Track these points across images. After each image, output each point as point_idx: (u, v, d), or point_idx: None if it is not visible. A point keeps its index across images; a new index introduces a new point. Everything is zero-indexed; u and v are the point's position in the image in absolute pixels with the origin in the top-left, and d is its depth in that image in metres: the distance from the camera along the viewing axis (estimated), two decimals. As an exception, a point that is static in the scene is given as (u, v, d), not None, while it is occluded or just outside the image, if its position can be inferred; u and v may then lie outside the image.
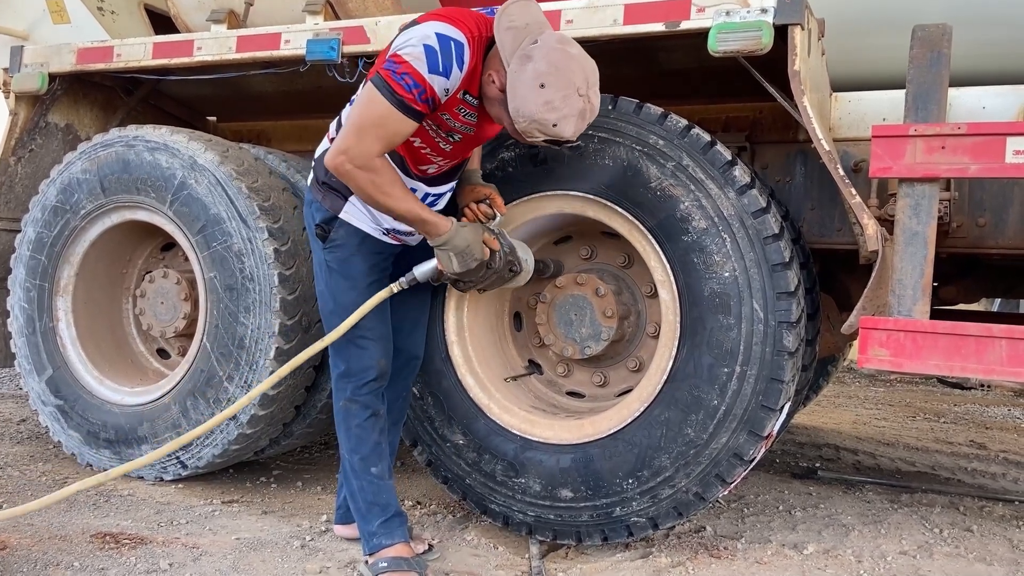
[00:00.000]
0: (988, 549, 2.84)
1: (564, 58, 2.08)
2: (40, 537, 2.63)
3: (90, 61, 3.42)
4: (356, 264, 2.42)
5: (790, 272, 2.43)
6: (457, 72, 2.12)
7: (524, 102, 2.07)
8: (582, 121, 2.14)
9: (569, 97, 2.08)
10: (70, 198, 3.34)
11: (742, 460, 2.46)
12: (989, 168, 2.21)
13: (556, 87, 2.06)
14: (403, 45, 2.11)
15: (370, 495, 2.48)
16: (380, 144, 2.17)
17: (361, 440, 2.47)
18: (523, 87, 2.07)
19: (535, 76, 2.05)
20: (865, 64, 2.95)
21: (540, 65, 2.05)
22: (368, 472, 2.48)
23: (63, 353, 3.42)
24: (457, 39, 2.10)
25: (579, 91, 2.09)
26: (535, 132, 2.12)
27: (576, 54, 2.12)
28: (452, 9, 2.20)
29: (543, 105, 2.06)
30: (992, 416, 5.63)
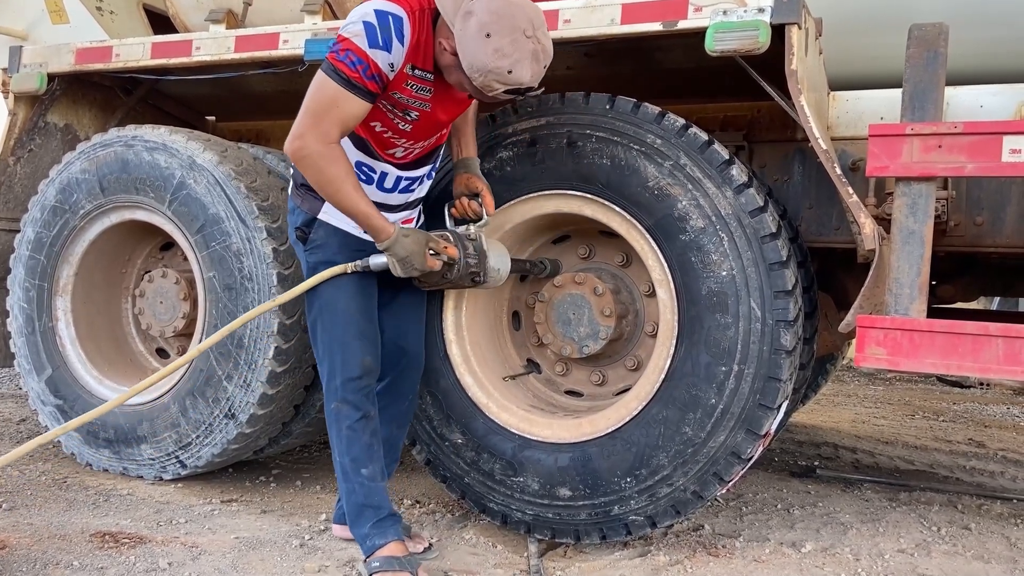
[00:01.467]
0: (986, 547, 2.84)
1: (504, 5, 2.09)
2: (39, 536, 2.63)
3: (89, 61, 3.42)
4: (341, 262, 2.40)
5: (788, 271, 2.43)
6: (399, 46, 2.14)
7: (474, 56, 2.07)
8: (536, 63, 2.13)
9: (517, 41, 2.08)
10: (69, 198, 3.34)
11: (740, 458, 2.47)
12: (985, 167, 2.21)
13: (502, 33, 2.06)
14: (345, 25, 2.15)
15: (361, 497, 2.46)
16: (336, 128, 2.18)
17: (352, 442, 2.45)
18: (470, 42, 2.07)
19: (479, 27, 2.06)
20: (862, 63, 2.95)
21: (482, 16, 2.06)
22: (359, 474, 2.45)
23: (62, 353, 3.43)
24: (395, 13, 2.12)
25: (525, 33, 2.09)
26: (493, 83, 2.11)
27: (516, 0, 2.12)
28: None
29: (493, 53, 2.07)
30: (991, 414, 5.63)
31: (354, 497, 2.47)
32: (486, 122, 2.77)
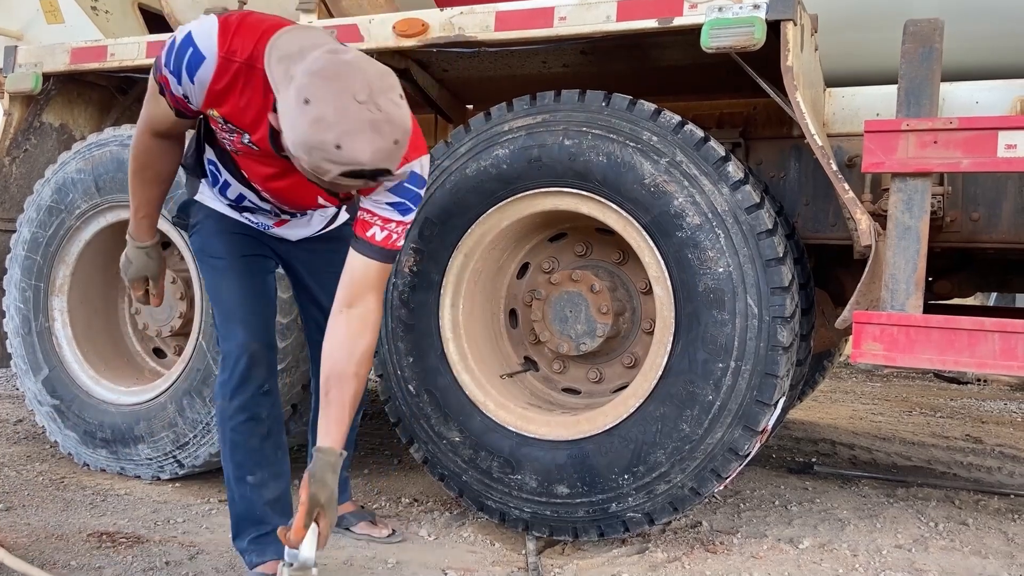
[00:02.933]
0: (983, 542, 2.85)
1: (332, 64, 1.66)
2: (37, 536, 2.63)
3: (84, 61, 3.41)
4: (219, 243, 2.22)
5: (784, 267, 2.43)
6: (188, 81, 1.87)
7: (293, 129, 1.64)
8: (379, 136, 1.64)
9: (346, 108, 1.62)
10: (65, 198, 3.34)
11: (737, 455, 2.47)
12: (981, 162, 2.21)
13: (325, 99, 1.62)
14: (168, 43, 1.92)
15: (242, 509, 2.26)
16: (144, 121, 2.09)
17: (236, 446, 2.23)
18: (290, 113, 1.65)
19: (298, 94, 1.63)
20: (858, 59, 2.95)
21: (301, 80, 1.64)
22: (243, 481, 2.24)
23: (59, 353, 3.42)
24: (200, 48, 1.82)
25: (357, 98, 1.63)
26: (322, 164, 1.64)
27: (351, 59, 1.69)
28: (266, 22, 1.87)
29: (313, 124, 1.62)
30: (988, 410, 5.64)
31: (234, 507, 2.28)
32: (480, 120, 2.77)
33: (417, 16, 2.83)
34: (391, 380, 2.87)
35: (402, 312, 2.85)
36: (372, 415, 4.51)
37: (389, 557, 2.58)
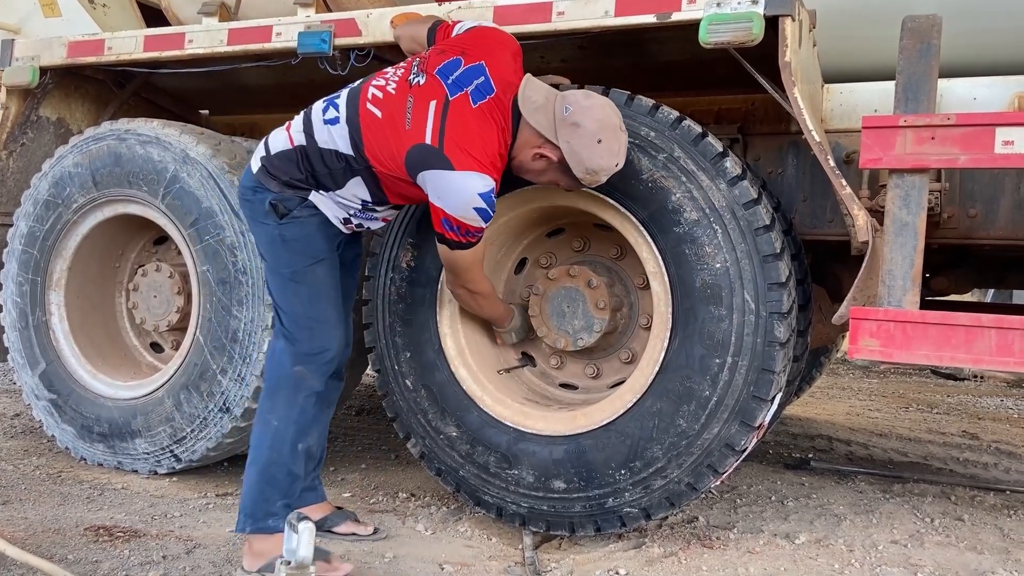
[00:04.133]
0: (979, 538, 2.86)
1: (599, 109, 2.35)
2: (34, 531, 2.63)
3: (81, 54, 3.40)
4: (317, 242, 2.47)
5: (781, 263, 2.44)
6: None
7: (591, 160, 2.34)
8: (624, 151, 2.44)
9: (620, 138, 2.38)
10: (62, 192, 3.33)
11: (734, 450, 2.47)
12: (978, 159, 2.21)
13: (610, 137, 2.35)
14: (458, 209, 2.31)
15: (288, 469, 2.43)
16: (480, 276, 2.59)
17: (303, 413, 2.46)
18: (586, 149, 2.33)
19: (592, 135, 2.32)
20: (856, 55, 2.95)
21: (591, 125, 2.32)
22: (296, 449, 2.45)
23: (56, 347, 3.42)
24: (491, 187, 2.31)
25: (621, 128, 2.39)
26: (602, 178, 2.41)
27: (600, 100, 2.38)
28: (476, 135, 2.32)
29: (608, 155, 2.35)
30: (984, 407, 5.65)
31: (280, 468, 2.42)
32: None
33: (415, 10, 2.83)
34: (388, 375, 2.87)
35: (400, 307, 2.85)
36: (369, 410, 4.51)
37: (386, 552, 2.58)
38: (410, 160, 2.30)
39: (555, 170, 2.43)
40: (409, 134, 2.30)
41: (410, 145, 2.29)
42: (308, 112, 2.48)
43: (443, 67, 2.39)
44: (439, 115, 2.30)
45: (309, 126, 2.43)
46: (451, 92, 2.34)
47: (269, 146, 2.48)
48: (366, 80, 2.47)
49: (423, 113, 2.31)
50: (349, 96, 2.44)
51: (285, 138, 2.46)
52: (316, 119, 2.43)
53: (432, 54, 2.45)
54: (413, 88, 2.36)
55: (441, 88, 2.35)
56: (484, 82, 2.37)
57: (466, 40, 2.48)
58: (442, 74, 2.37)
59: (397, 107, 2.34)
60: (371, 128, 2.36)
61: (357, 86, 2.47)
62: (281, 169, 2.43)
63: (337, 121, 2.40)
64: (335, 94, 2.50)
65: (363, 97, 2.40)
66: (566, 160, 2.36)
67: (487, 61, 2.41)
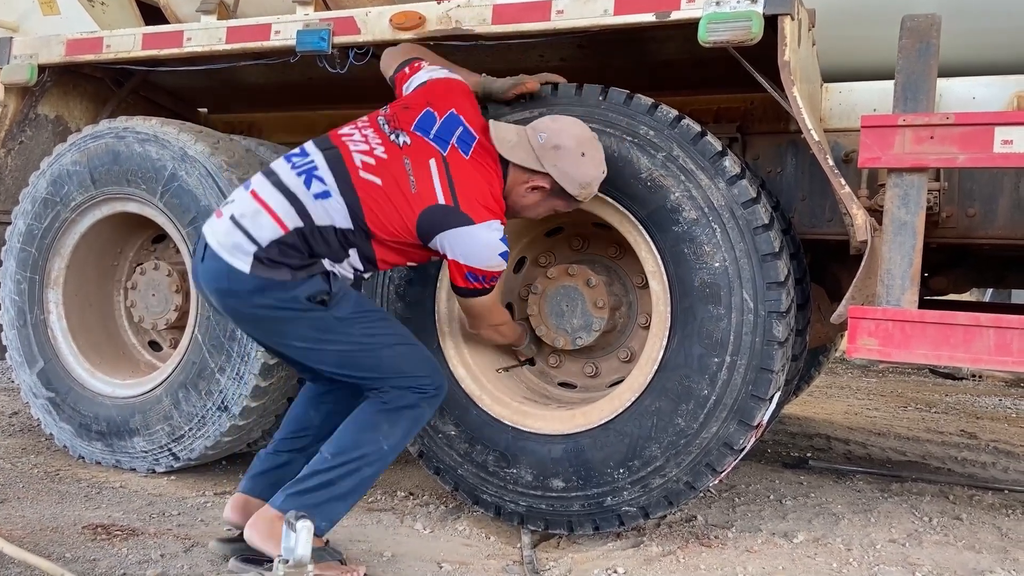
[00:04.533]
0: (977, 537, 2.86)
1: (571, 126, 2.44)
2: (32, 529, 2.63)
3: (79, 52, 3.40)
4: (367, 299, 2.50)
5: (780, 262, 2.43)
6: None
7: (583, 174, 2.41)
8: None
9: (598, 146, 2.47)
10: (60, 190, 3.33)
11: (732, 449, 2.47)
12: (977, 158, 2.21)
13: (591, 148, 2.44)
14: (484, 261, 2.33)
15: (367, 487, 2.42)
16: (498, 305, 2.66)
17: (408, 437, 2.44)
18: (574, 167, 2.40)
19: (575, 152, 2.39)
20: (856, 55, 2.95)
21: (571, 143, 2.39)
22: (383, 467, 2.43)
23: (54, 346, 3.42)
24: (502, 232, 2.34)
25: (594, 136, 2.47)
26: (595, 189, 2.48)
27: (566, 119, 2.48)
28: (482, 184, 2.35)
29: (595, 165, 2.44)
30: (983, 406, 5.66)
31: (368, 483, 2.39)
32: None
33: (414, 9, 2.82)
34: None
35: (398, 306, 2.85)
36: (368, 409, 4.50)
37: (385, 550, 2.58)
38: (426, 223, 2.25)
39: (550, 197, 2.45)
40: (418, 197, 2.25)
41: (422, 208, 2.25)
42: (285, 189, 2.27)
43: (419, 123, 2.36)
44: (443, 173, 2.28)
45: (299, 205, 2.26)
46: (441, 148, 2.32)
47: (254, 237, 2.23)
48: (333, 143, 2.35)
49: (426, 173, 2.27)
50: (331, 165, 2.29)
51: (272, 223, 2.24)
52: (303, 197, 2.26)
53: (398, 111, 2.41)
54: (404, 149, 2.31)
55: (430, 145, 2.32)
56: (464, 131, 2.38)
57: (426, 93, 2.46)
58: (421, 130, 2.35)
59: (396, 171, 2.28)
60: (372, 197, 2.26)
61: (333, 152, 2.32)
62: (285, 256, 2.25)
63: (329, 195, 2.26)
64: (304, 160, 2.32)
65: (351, 165, 2.28)
66: (558, 183, 2.40)
67: (456, 109, 2.41)
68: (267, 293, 2.26)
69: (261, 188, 2.31)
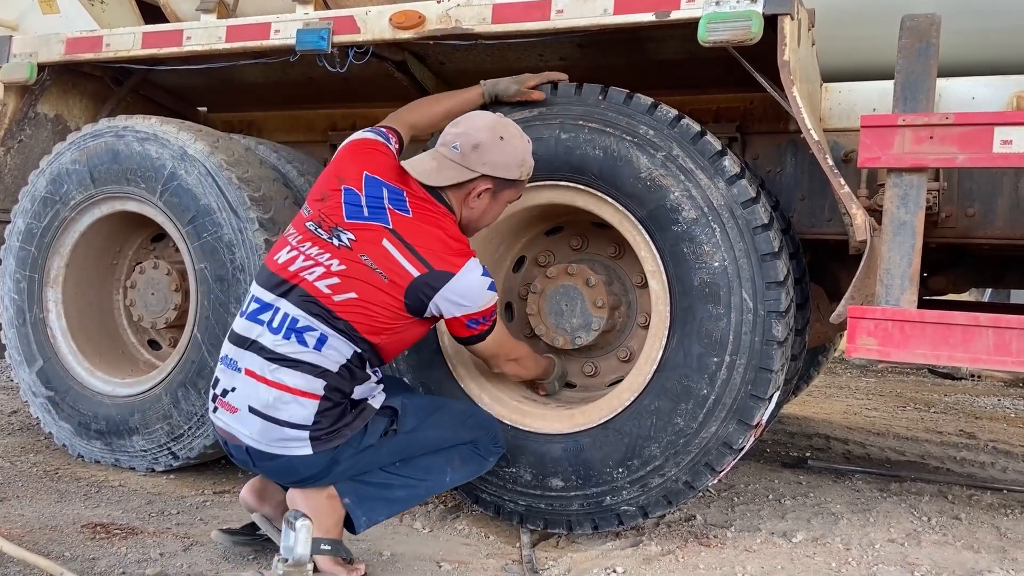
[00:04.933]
0: (976, 537, 2.86)
1: (474, 120, 2.41)
2: (31, 527, 2.63)
3: (79, 51, 3.40)
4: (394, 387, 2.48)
5: (779, 262, 2.44)
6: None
7: (513, 156, 2.36)
8: None
9: (508, 122, 2.43)
10: (60, 189, 3.33)
11: (731, 449, 2.48)
12: (977, 158, 2.21)
13: (503, 128, 2.38)
14: (479, 301, 2.30)
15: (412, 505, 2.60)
16: (510, 338, 2.59)
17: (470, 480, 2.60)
18: (501, 155, 2.34)
19: (494, 140, 2.33)
20: (855, 54, 2.95)
21: (483, 135, 2.34)
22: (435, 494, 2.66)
23: (53, 344, 3.41)
24: (479, 264, 2.33)
25: (498, 116, 2.46)
26: (531, 161, 2.44)
27: (464, 119, 2.44)
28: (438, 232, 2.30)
29: (519, 139, 2.40)
30: (982, 406, 5.66)
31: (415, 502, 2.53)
32: (478, 113, 2.76)
33: (414, 8, 2.82)
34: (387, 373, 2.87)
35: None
36: (367, 408, 4.50)
37: (384, 550, 2.58)
38: (413, 301, 2.22)
39: (498, 194, 2.39)
40: (393, 285, 2.20)
41: (402, 292, 2.20)
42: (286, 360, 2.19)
43: (347, 209, 2.27)
44: (400, 246, 2.22)
45: (309, 367, 2.19)
46: (382, 221, 2.25)
47: (296, 423, 2.19)
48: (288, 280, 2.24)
49: (387, 257, 2.21)
50: (306, 309, 2.20)
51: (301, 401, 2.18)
52: (308, 357, 2.19)
53: (320, 207, 2.30)
54: (354, 247, 2.22)
55: (373, 227, 2.24)
56: (390, 190, 2.30)
57: (334, 169, 2.39)
58: (355, 216, 2.26)
59: (362, 275, 2.20)
60: (357, 312, 2.20)
61: (297, 292, 2.22)
62: (335, 419, 2.23)
63: (325, 338, 2.19)
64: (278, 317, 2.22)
65: (321, 296, 2.20)
66: (497, 176, 2.35)
67: (368, 169, 2.34)
68: (343, 460, 2.28)
69: (261, 368, 2.21)
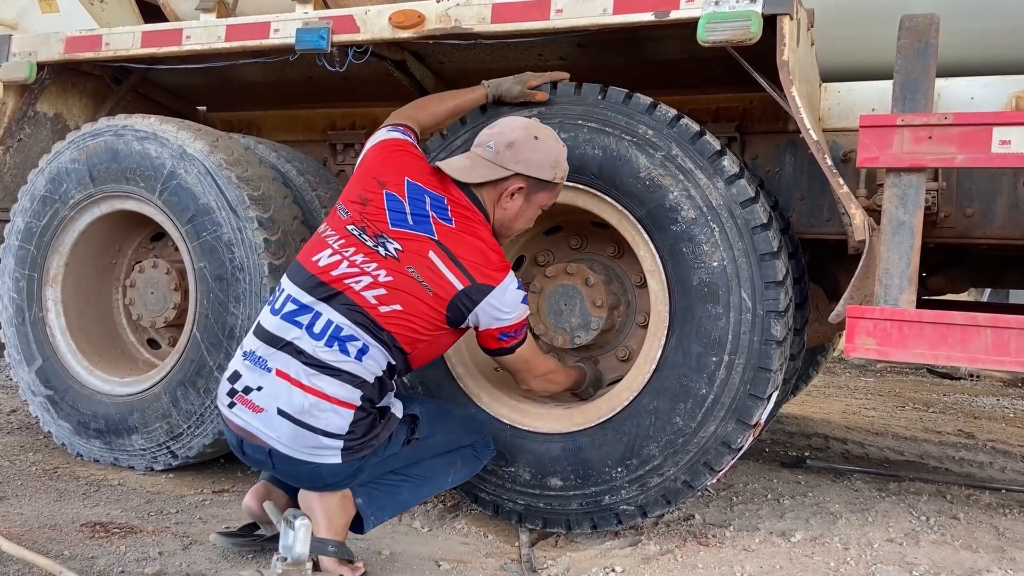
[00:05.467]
0: (974, 536, 2.86)
1: (508, 122, 2.44)
2: (30, 527, 2.63)
3: (78, 50, 3.40)
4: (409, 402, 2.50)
5: (778, 261, 2.44)
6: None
7: (548, 155, 2.38)
8: None
9: (540, 125, 2.46)
10: (59, 188, 3.33)
11: (730, 448, 2.48)
12: (975, 158, 2.22)
13: (537, 130, 2.40)
14: (515, 313, 2.31)
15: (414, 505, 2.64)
16: (539, 352, 2.57)
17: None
18: (535, 153, 2.36)
19: (528, 140, 2.36)
20: (854, 54, 2.95)
21: (517, 134, 2.37)
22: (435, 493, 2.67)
23: (53, 343, 3.41)
24: (514, 276, 2.33)
25: (531, 119, 2.50)
26: (565, 163, 2.46)
27: (499, 121, 2.48)
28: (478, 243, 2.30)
29: (552, 140, 2.42)
30: (981, 406, 5.67)
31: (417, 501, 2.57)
32: (476, 113, 2.77)
33: (413, 7, 2.83)
34: None
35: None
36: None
37: (383, 548, 2.58)
38: (454, 313, 2.23)
39: (531, 196, 2.39)
40: (437, 298, 2.21)
41: (446, 304, 2.21)
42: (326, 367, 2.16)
43: (392, 216, 2.26)
44: (446, 258, 2.22)
45: (349, 376, 2.17)
46: (427, 232, 2.24)
47: (330, 432, 2.16)
48: (334, 287, 2.21)
49: (433, 270, 2.21)
50: (352, 318, 2.18)
51: (337, 410, 2.16)
52: (349, 367, 2.17)
53: (360, 210, 2.28)
54: (401, 259, 2.21)
55: (419, 237, 2.24)
56: (432, 198, 2.30)
57: (371, 171, 2.37)
58: (399, 223, 2.25)
59: (409, 287, 2.20)
60: (400, 324, 2.19)
61: (342, 300, 2.19)
62: (367, 429, 2.23)
63: (367, 349, 2.18)
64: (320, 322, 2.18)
65: (368, 306, 2.18)
66: (531, 176, 2.35)
67: (409, 175, 2.32)
68: (367, 468, 2.30)
69: (297, 372, 2.17)
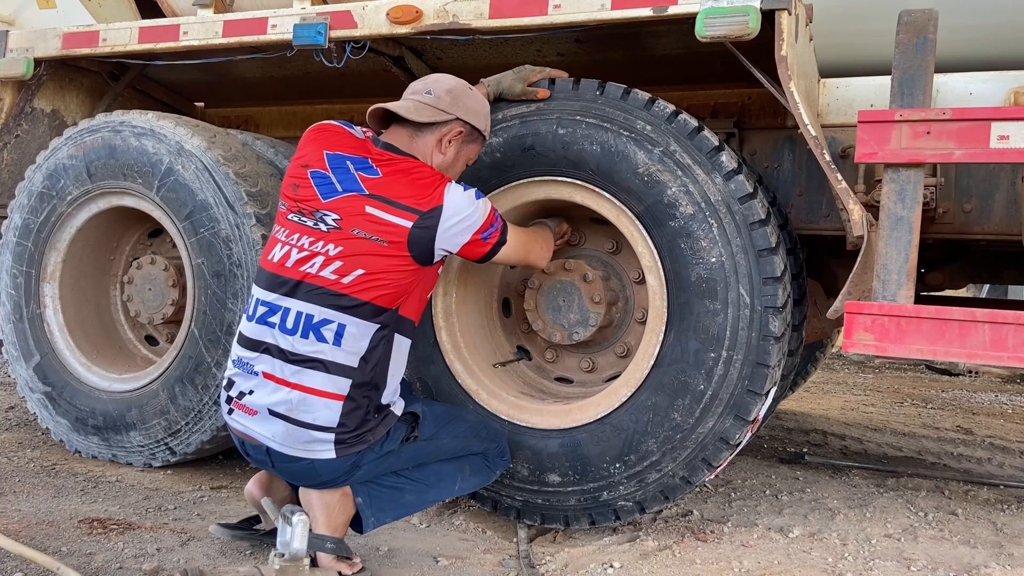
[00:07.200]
0: (972, 532, 2.87)
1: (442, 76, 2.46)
2: (28, 523, 2.63)
3: (76, 46, 3.39)
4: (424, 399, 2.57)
5: (776, 257, 2.44)
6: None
7: (484, 106, 2.46)
8: None
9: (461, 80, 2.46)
10: (56, 184, 3.32)
11: (728, 444, 2.48)
12: (973, 153, 2.21)
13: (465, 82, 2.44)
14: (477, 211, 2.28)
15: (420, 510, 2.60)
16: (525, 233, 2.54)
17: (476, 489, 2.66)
18: (474, 102, 2.41)
19: (464, 89, 2.41)
20: (853, 50, 2.95)
21: (454, 83, 2.40)
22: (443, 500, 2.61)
23: (51, 340, 3.41)
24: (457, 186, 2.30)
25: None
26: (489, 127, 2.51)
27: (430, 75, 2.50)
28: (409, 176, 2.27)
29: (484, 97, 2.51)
30: (979, 402, 5.67)
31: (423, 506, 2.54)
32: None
33: (411, 3, 2.82)
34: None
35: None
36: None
37: (381, 544, 2.58)
38: (418, 250, 2.20)
39: (464, 145, 2.40)
40: (394, 244, 2.17)
41: (405, 248, 2.18)
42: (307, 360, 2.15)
43: (321, 190, 2.23)
44: (384, 205, 2.19)
45: (332, 364, 2.15)
46: (356, 189, 2.21)
47: (321, 425, 2.15)
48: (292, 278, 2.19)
49: (377, 221, 2.18)
50: (319, 302, 2.16)
51: (326, 403, 2.15)
52: (330, 354, 2.15)
53: (293, 195, 2.27)
54: (343, 226, 2.18)
55: (348, 197, 2.21)
56: (353, 160, 2.26)
57: (296, 160, 2.33)
58: (329, 194, 2.22)
59: (361, 248, 2.16)
60: (371, 286, 2.16)
61: (304, 287, 2.17)
62: (360, 422, 2.21)
63: (344, 328, 2.16)
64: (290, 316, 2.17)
65: (331, 284, 2.16)
66: (469, 123, 2.38)
67: (327, 148, 2.29)
68: (363, 464, 2.28)
69: (281, 370, 2.17)
